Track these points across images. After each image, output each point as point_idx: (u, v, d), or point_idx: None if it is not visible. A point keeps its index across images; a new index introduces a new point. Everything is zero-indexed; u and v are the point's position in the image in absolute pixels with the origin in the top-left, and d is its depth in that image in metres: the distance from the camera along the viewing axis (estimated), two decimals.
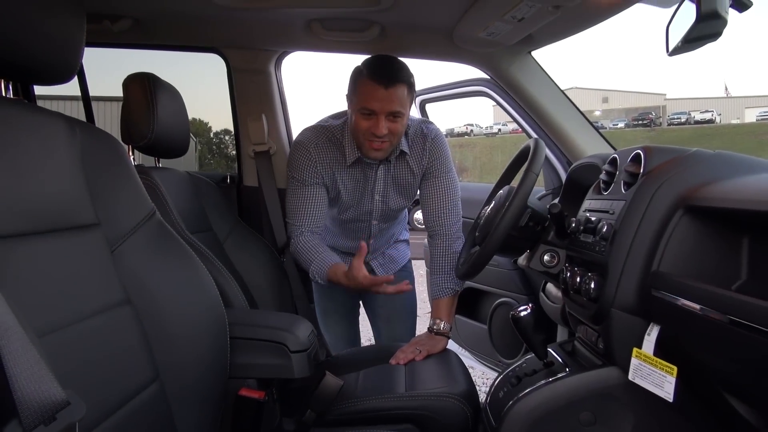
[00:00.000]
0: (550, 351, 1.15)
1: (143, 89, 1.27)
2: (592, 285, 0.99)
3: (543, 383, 1.04)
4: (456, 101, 2.26)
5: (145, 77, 1.28)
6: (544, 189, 1.90)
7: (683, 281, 0.81)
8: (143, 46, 1.83)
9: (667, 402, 0.83)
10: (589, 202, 1.18)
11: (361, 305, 1.84)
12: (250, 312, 1.33)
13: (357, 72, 1.38)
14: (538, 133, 1.78)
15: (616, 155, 1.14)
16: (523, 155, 1.29)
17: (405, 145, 1.48)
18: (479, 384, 2.65)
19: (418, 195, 1.59)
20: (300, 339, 1.06)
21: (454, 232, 1.52)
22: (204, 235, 1.42)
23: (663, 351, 0.85)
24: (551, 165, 1.82)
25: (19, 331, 0.48)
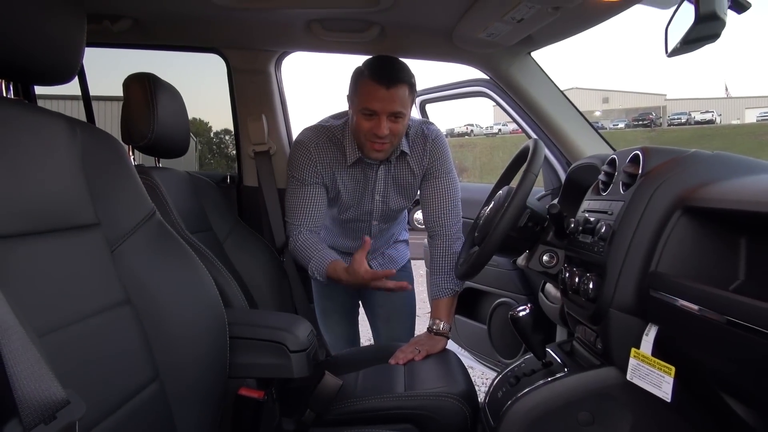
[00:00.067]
0: (548, 351, 1.15)
1: (143, 89, 1.27)
2: (590, 285, 0.99)
3: (541, 383, 1.04)
4: (456, 101, 2.27)
5: (146, 77, 1.29)
6: (543, 189, 1.90)
7: (681, 282, 0.81)
8: (143, 46, 1.84)
9: (665, 402, 0.83)
10: (588, 202, 1.18)
11: (361, 305, 1.84)
12: (249, 312, 1.33)
13: (358, 73, 1.39)
14: (537, 134, 1.78)
15: (614, 156, 1.14)
16: (523, 156, 1.30)
17: (405, 146, 1.48)
18: (479, 384, 2.65)
19: (418, 195, 1.59)
20: (299, 339, 1.07)
21: (454, 232, 1.53)
22: (204, 235, 1.42)
23: (661, 351, 0.85)
24: (550, 165, 1.83)
25: (20, 331, 0.48)
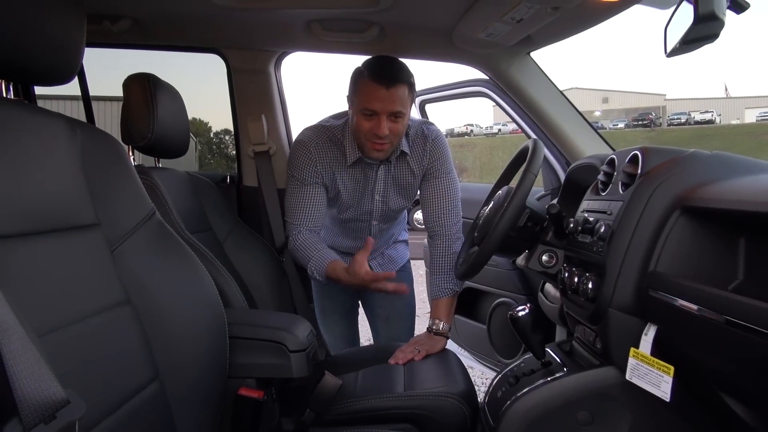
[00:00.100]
0: (548, 351, 1.16)
1: (143, 90, 1.27)
2: (589, 285, 0.99)
3: (541, 383, 1.04)
4: (456, 101, 2.27)
5: (145, 78, 1.29)
6: (542, 189, 1.90)
7: (680, 281, 0.81)
8: (143, 46, 1.84)
9: (664, 401, 0.83)
10: (587, 202, 1.19)
11: (360, 305, 1.85)
12: (249, 312, 1.33)
13: (357, 73, 1.39)
14: (537, 134, 1.78)
15: (614, 156, 1.14)
16: (522, 156, 1.30)
17: (405, 146, 1.48)
18: (478, 384, 2.65)
19: (418, 195, 1.60)
20: (299, 339, 1.07)
21: (454, 232, 1.53)
22: (204, 235, 1.43)
23: (660, 351, 0.85)
24: (550, 165, 1.83)
25: (20, 331, 0.48)
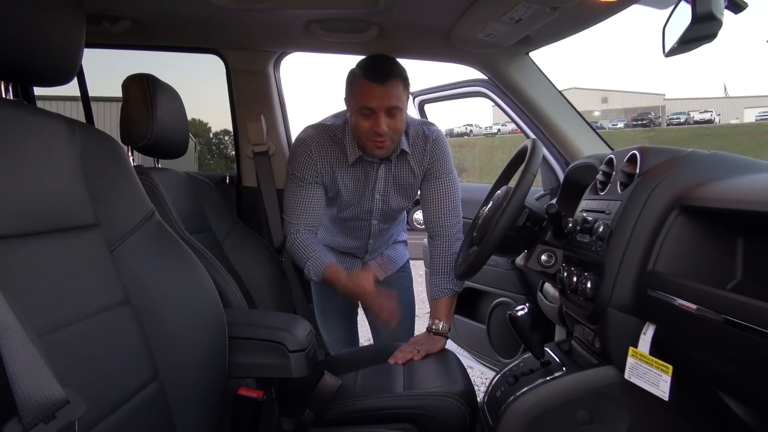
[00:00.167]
0: (547, 350, 1.16)
1: (142, 90, 1.27)
2: (588, 285, 0.99)
3: (540, 382, 1.04)
4: (455, 102, 2.27)
5: (145, 78, 1.29)
6: (542, 189, 1.90)
7: (679, 281, 0.81)
8: (142, 47, 1.84)
9: (663, 401, 0.84)
10: (586, 202, 1.19)
11: (360, 305, 1.84)
12: (248, 312, 1.34)
13: (352, 74, 1.40)
14: (536, 134, 1.79)
15: (612, 156, 1.15)
16: (521, 156, 1.30)
17: (406, 145, 1.48)
18: (478, 383, 2.65)
19: (418, 195, 1.60)
20: (298, 339, 1.07)
21: (454, 233, 1.53)
22: (203, 236, 1.43)
23: (659, 350, 0.85)
24: (549, 165, 1.83)
25: (19, 331, 0.48)
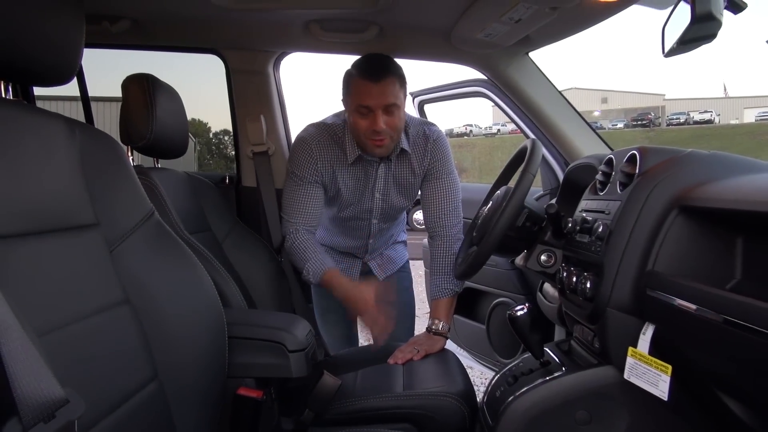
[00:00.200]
0: (546, 350, 1.16)
1: (142, 90, 1.27)
2: (588, 285, 0.99)
3: (539, 382, 1.04)
4: (455, 102, 2.27)
5: (144, 78, 1.29)
6: (541, 189, 1.90)
7: (678, 281, 0.81)
8: (142, 47, 1.84)
9: (662, 401, 0.84)
10: (586, 202, 1.19)
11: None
12: (248, 312, 1.34)
13: (348, 74, 1.41)
14: (535, 134, 1.79)
15: (612, 156, 1.15)
16: (521, 156, 1.30)
17: (406, 144, 1.48)
18: (477, 384, 2.65)
19: (418, 195, 1.60)
20: (298, 338, 1.07)
21: (454, 233, 1.53)
22: (203, 236, 1.43)
23: (658, 350, 0.85)
24: (549, 165, 1.83)
25: (19, 330, 0.48)
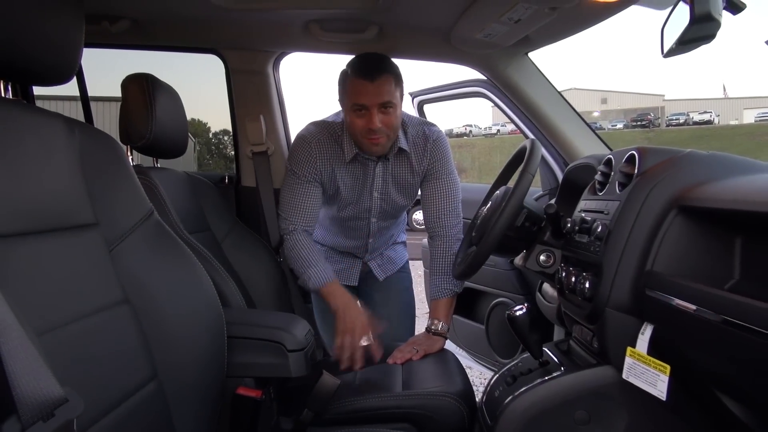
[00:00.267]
0: (545, 350, 1.16)
1: (142, 90, 1.27)
2: (587, 285, 1.00)
3: (538, 382, 1.04)
4: (454, 102, 2.28)
5: (144, 78, 1.29)
6: (540, 189, 1.90)
7: (677, 281, 0.81)
8: (142, 47, 1.84)
9: (661, 400, 0.84)
10: (585, 202, 1.19)
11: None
12: (247, 311, 1.34)
13: (343, 74, 1.41)
14: (535, 134, 1.79)
15: (611, 156, 1.15)
16: (520, 156, 1.30)
17: (404, 143, 1.48)
18: (476, 384, 2.65)
19: (418, 195, 1.60)
20: (297, 338, 1.07)
21: (454, 233, 1.53)
22: (202, 235, 1.43)
23: (657, 350, 0.85)
24: (548, 165, 1.83)
25: (18, 329, 0.48)
